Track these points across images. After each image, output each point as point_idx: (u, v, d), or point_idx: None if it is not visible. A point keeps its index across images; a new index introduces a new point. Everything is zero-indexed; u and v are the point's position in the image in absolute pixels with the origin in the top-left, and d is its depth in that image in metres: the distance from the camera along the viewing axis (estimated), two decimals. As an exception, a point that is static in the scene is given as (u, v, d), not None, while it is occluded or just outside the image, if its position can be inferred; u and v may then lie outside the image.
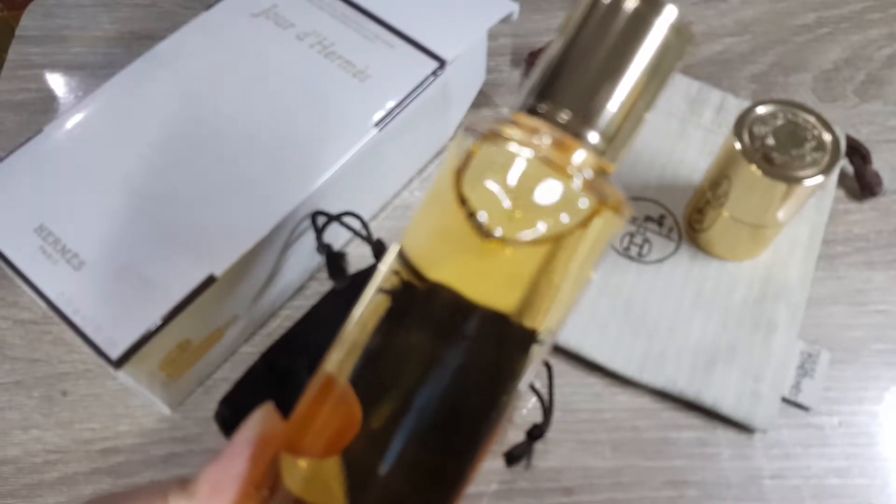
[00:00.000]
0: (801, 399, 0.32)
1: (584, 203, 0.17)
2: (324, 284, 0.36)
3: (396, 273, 0.19)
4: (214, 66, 0.34)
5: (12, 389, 0.33)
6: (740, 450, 0.32)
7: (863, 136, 0.40)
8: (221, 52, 0.35)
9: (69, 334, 0.33)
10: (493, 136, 0.18)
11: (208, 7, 0.36)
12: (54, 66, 0.43)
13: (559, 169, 0.17)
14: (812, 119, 0.31)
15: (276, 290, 0.34)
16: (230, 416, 0.30)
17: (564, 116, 0.18)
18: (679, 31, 0.18)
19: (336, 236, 0.35)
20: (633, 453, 0.32)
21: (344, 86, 0.34)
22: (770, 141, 0.31)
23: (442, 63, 0.34)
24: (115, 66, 0.34)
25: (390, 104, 0.33)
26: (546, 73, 0.18)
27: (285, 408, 0.19)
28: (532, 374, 0.19)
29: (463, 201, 0.18)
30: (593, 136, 0.18)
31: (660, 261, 0.35)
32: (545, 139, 0.18)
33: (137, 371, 0.28)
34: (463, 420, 0.18)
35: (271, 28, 0.35)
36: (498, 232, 0.17)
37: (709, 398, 0.32)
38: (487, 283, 0.18)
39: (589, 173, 0.18)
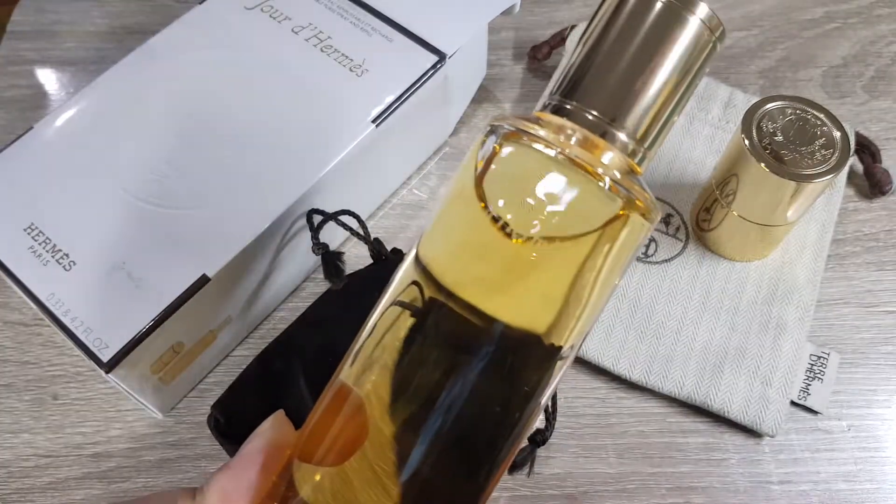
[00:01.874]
0: (810, 403, 0.32)
1: (611, 204, 0.17)
2: (319, 285, 0.35)
3: (416, 284, 0.18)
4: (208, 61, 0.33)
5: (2, 392, 0.33)
6: (748, 455, 0.31)
7: (872, 133, 0.40)
8: (215, 46, 0.34)
9: (60, 336, 0.32)
10: (518, 135, 0.17)
11: (201, 1, 0.36)
12: (45, 62, 0.42)
13: (587, 168, 0.17)
14: (821, 116, 0.31)
15: (270, 292, 0.33)
16: (223, 420, 0.29)
17: (592, 115, 0.17)
18: (711, 28, 0.17)
19: (333, 236, 0.34)
20: (639, 459, 0.31)
21: (341, 80, 0.33)
22: (779, 137, 0.30)
23: (442, 57, 0.34)
24: (106, 62, 0.34)
25: (388, 99, 0.32)
26: (572, 71, 0.18)
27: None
28: (553, 388, 0.18)
29: (485, 203, 0.17)
30: (622, 136, 0.17)
31: (666, 261, 0.35)
32: (572, 138, 0.17)
33: (129, 374, 0.28)
34: (484, 437, 0.18)
35: (266, 21, 0.35)
36: (524, 232, 0.16)
37: (716, 402, 0.31)
38: (513, 296, 0.17)
39: (617, 174, 0.17)
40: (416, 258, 0.18)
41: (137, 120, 0.32)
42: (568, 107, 0.17)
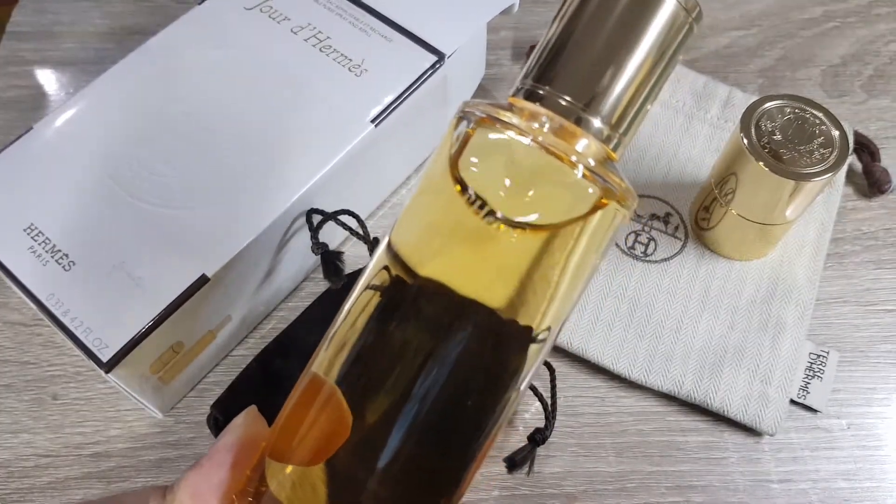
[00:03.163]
0: (809, 401, 0.32)
1: (586, 192, 0.16)
2: (319, 285, 0.35)
3: (386, 269, 0.18)
4: (207, 62, 0.33)
5: (2, 392, 0.33)
6: (748, 454, 0.31)
7: (871, 132, 0.40)
8: (214, 47, 0.34)
9: (59, 336, 0.32)
10: (490, 122, 0.17)
11: (201, 1, 0.36)
12: (45, 63, 0.42)
13: (561, 156, 0.16)
14: (820, 115, 0.31)
15: (269, 291, 0.33)
16: (223, 420, 0.29)
17: (565, 101, 0.17)
18: (687, 9, 0.17)
19: (332, 236, 0.34)
20: (639, 458, 0.31)
21: (340, 80, 0.33)
22: (777, 136, 0.30)
23: (441, 57, 0.34)
24: (106, 62, 0.34)
25: (387, 99, 0.32)
26: (545, 55, 0.17)
27: (275, 410, 0.18)
28: (531, 374, 0.18)
29: (461, 185, 0.17)
30: (597, 122, 0.17)
31: (666, 260, 0.35)
32: (546, 125, 0.17)
33: (128, 374, 0.28)
34: (457, 423, 0.17)
35: (265, 22, 0.35)
36: (498, 213, 0.16)
37: (716, 401, 0.31)
38: (482, 277, 0.17)
39: (592, 161, 0.17)
40: (388, 244, 0.18)
41: (137, 120, 0.32)
42: (541, 92, 0.17)
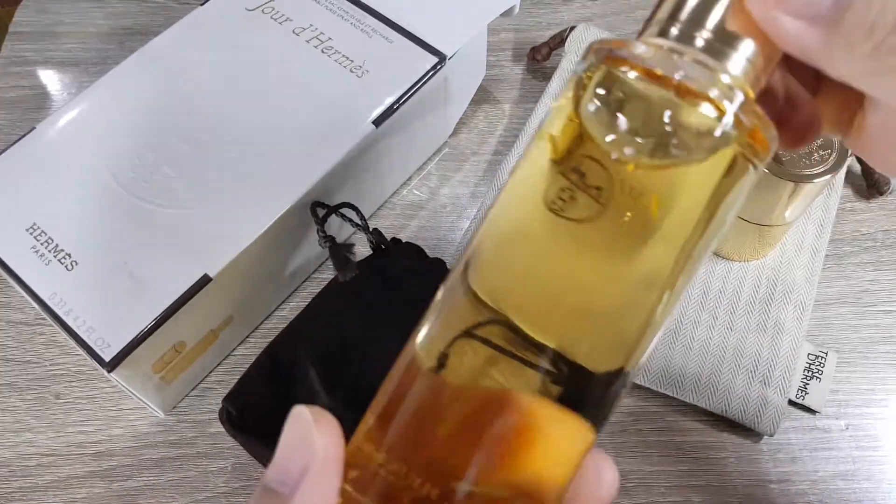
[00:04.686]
0: (808, 402, 0.32)
1: (731, 135, 0.15)
2: (320, 285, 0.35)
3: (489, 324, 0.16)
4: (209, 62, 0.33)
5: (4, 392, 0.33)
6: (746, 454, 0.32)
7: (870, 133, 0.40)
8: (216, 47, 0.34)
9: (62, 336, 0.32)
10: (621, 61, 0.15)
11: (203, 2, 0.36)
12: (47, 63, 0.42)
13: (704, 96, 0.14)
14: (820, 116, 0.31)
15: (271, 291, 0.33)
16: (236, 413, 0.29)
17: (704, 37, 0.15)
18: None
19: (332, 233, 0.34)
20: (638, 458, 0.31)
21: (341, 82, 0.33)
22: (777, 138, 0.30)
23: (442, 58, 0.34)
24: (108, 63, 0.34)
25: (389, 100, 0.33)
26: None
27: (288, 403, 0.17)
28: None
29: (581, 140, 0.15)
30: (738, 57, 0.15)
31: (664, 261, 0.35)
32: (685, 61, 0.15)
33: (131, 373, 0.28)
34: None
35: (267, 23, 0.35)
36: (629, 155, 0.14)
37: (715, 401, 0.31)
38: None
39: (740, 99, 0.15)
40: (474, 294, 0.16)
41: (139, 120, 0.32)
42: (675, 30, 0.15)
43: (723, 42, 0.15)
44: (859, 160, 0.38)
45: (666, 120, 0.15)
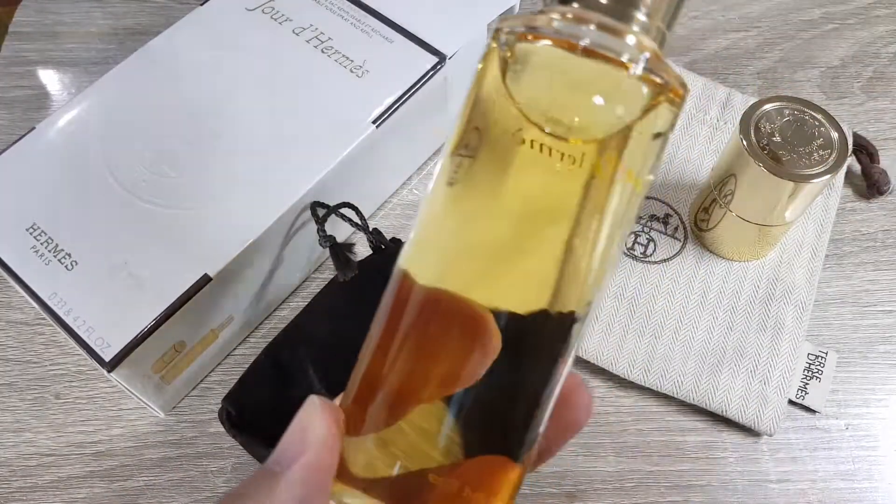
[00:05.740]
0: (808, 402, 0.32)
1: (640, 94, 0.15)
2: (320, 286, 0.35)
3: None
4: (209, 62, 0.33)
5: (4, 392, 0.33)
6: (746, 453, 0.32)
7: (870, 133, 0.40)
8: (216, 47, 0.34)
9: (62, 336, 0.32)
10: (532, 35, 0.16)
11: (203, 2, 0.36)
12: (47, 63, 0.42)
13: (613, 58, 0.15)
14: (819, 116, 0.31)
15: (271, 291, 0.33)
16: (235, 412, 0.29)
17: None
18: None
19: (332, 234, 0.34)
20: (638, 458, 0.31)
21: (341, 82, 0.33)
22: (776, 138, 0.30)
23: (442, 58, 0.34)
24: (108, 63, 0.34)
25: (389, 100, 0.33)
26: None
27: (287, 403, 0.17)
28: (573, 354, 0.18)
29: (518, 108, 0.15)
30: (641, 16, 0.16)
31: (665, 261, 0.35)
32: (591, 27, 0.16)
33: (131, 373, 0.28)
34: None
35: (267, 23, 0.35)
36: (547, 129, 0.15)
37: (714, 401, 0.31)
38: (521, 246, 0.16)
39: (646, 57, 0.15)
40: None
41: (139, 120, 0.32)
42: None
43: (623, 1, 0.16)
44: (859, 160, 0.38)
45: (584, 87, 0.15)
